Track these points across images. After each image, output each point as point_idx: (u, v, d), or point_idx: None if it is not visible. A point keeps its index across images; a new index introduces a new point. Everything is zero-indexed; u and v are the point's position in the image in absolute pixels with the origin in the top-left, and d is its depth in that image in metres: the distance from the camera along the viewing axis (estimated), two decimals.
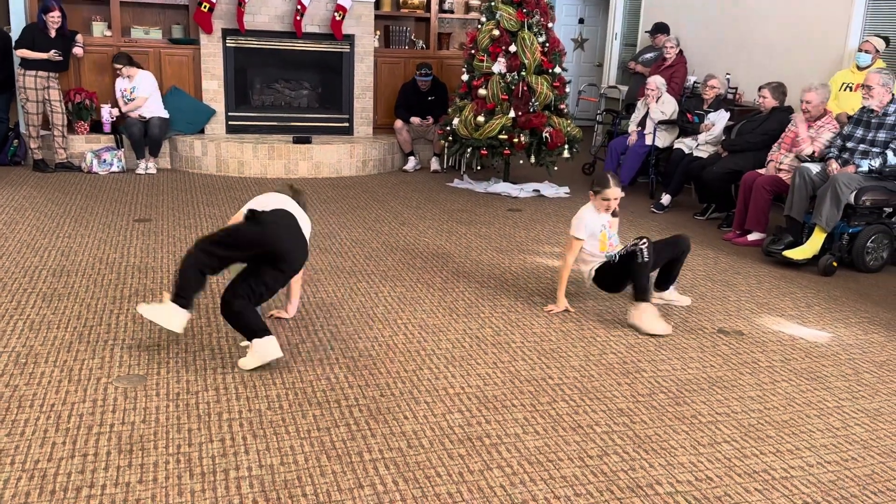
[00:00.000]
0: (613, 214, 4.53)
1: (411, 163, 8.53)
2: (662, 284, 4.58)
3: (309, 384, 3.41)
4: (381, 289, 4.68)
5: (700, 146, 7.05)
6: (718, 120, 6.99)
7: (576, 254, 4.40)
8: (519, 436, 3.05)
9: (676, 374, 3.70)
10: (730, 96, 7.73)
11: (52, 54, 7.19)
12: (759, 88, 6.50)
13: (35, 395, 3.19)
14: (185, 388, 3.31)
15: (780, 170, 5.96)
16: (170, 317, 3.52)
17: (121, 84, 7.73)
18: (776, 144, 6.17)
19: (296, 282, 4.03)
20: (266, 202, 3.75)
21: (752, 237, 6.02)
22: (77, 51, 7.65)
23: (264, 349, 3.47)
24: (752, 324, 4.40)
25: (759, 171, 6.08)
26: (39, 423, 2.98)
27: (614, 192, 4.37)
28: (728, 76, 7.86)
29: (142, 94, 7.64)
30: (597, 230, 4.40)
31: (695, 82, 8.10)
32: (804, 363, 3.90)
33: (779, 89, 6.39)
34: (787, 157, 5.98)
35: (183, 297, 3.52)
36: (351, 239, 5.71)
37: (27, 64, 7.24)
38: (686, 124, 7.33)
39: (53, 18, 7.23)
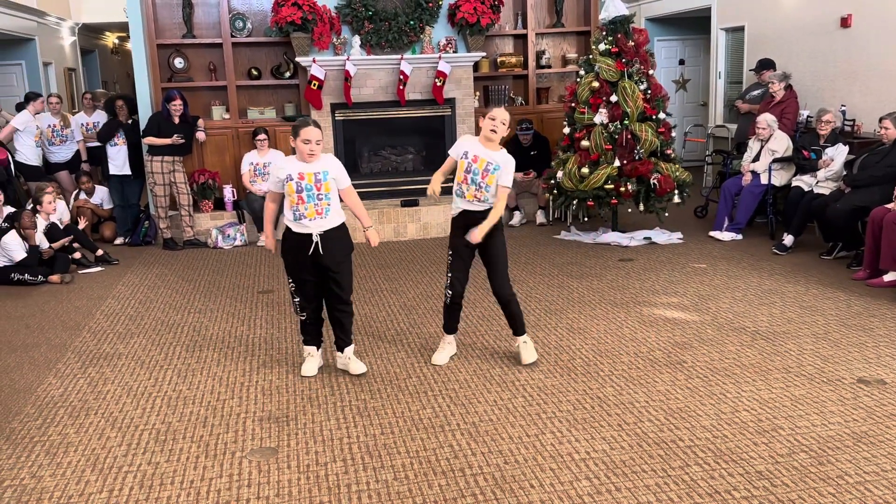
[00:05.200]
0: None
1: (517, 217, 8.56)
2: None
3: (432, 452, 3.42)
4: (497, 349, 4.68)
5: (820, 183, 6.75)
6: (837, 155, 6.69)
7: (444, 169, 4.36)
8: (652, 503, 2.95)
9: (817, 430, 3.49)
10: (847, 129, 7.39)
11: (175, 138, 7.70)
12: (881, 119, 6.19)
13: (175, 472, 3.34)
14: (315, 460, 3.39)
15: None
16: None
17: (252, 158, 8.13)
18: None
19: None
20: None
21: (888, 277, 5.65)
22: (199, 135, 8.18)
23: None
24: None
25: (888, 205, 5.75)
26: (181, 499, 3.12)
27: (501, 113, 4.13)
28: (843, 108, 7.54)
29: None
30: (461, 153, 4.20)
31: (808, 117, 7.80)
32: None
33: None
34: None
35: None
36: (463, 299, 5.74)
37: (154, 150, 7.79)
38: (802, 161, 7.04)
39: (176, 106, 7.77)
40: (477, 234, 4.15)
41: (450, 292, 4.41)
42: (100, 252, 7.29)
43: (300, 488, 3.17)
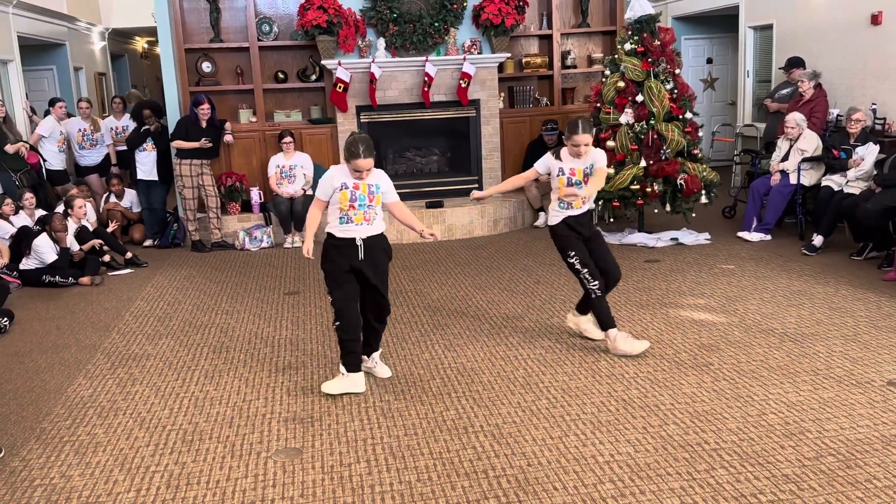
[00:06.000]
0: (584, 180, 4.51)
1: (542, 219, 8.53)
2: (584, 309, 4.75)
3: (456, 454, 3.42)
4: (521, 351, 4.67)
5: (850, 182, 6.65)
6: (868, 154, 6.58)
7: (525, 178, 4.77)
8: None
9: (845, 433, 3.44)
10: (877, 127, 7.27)
11: (203, 142, 7.79)
12: None
13: (201, 472, 3.38)
14: (339, 461, 3.41)
15: None
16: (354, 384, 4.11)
17: (279, 160, 8.20)
18: None
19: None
20: None
21: None
22: (227, 138, 8.26)
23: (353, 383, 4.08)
24: None
25: None
26: (207, 499, 3.15)
27: (583, 139, 4.39)
28: (874, 106, 7.41)
29: (308, 174, 8.12)
30: (555, 172, 4.52)
31: (837, 115, 7.68)
32: None
33: None
34: None
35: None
36: (487, 300, 5.75)
37: (182, 154, 7.89)
38: (832, 161, 6.94)
39: (203, 110, 7.86)
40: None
41: (595, 282, 4.46)
42: (129, 255, 7.40)
43: (324, 489, 3.19)
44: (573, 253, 4.50)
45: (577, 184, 4.49)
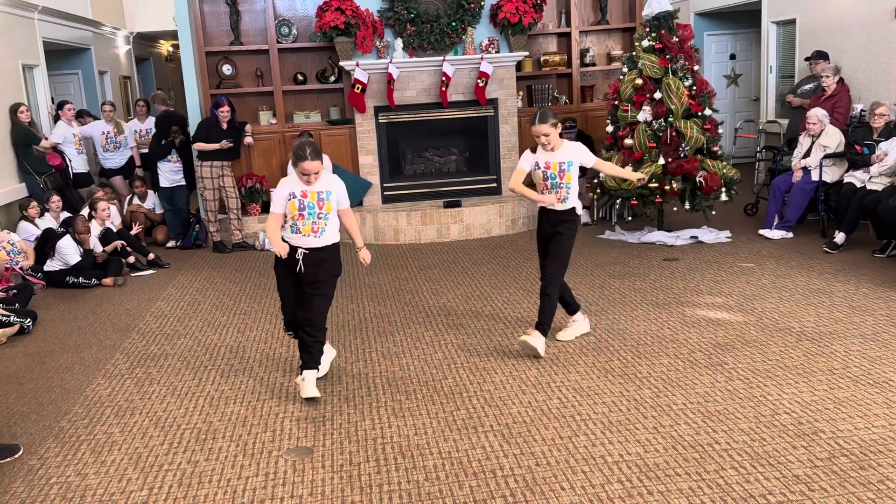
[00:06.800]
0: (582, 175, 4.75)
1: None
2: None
3: (464, 453, 3.43)
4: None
5: (873, 178, 6.55)
6: (891, 149, 6.47)
7: (516, 179, 4.60)
8: None
9: (859, 434, 3.39)
10: None
11: (224, 143, 7.87)
12: None
13: (213, 470, 3.42)
14: (348, 460, 3.44)
15: None
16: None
17: None
18: None
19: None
20: None
21: None
22: (248, 140, 8.34)
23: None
24: None
25: None
26: (217, 497, 3.19)
27: (539, 129, 4.42)
28: None
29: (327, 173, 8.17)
30: (531, 167, 4.55)
31: (861, 111, 7.56)
32: None
33: None
34: None
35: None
36: (503, 300, 5.75)
37: (203, 156, 7.97)
38: (855, 156, 6.83)
39: (224, 112, 7.94)
40: None
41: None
42: (151, 256, 7.50)
43: (332, 487, 3.21)
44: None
45: (551, 177, 4.48)
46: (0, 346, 5.28)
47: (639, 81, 7.20)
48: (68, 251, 6.79)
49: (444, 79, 8.31)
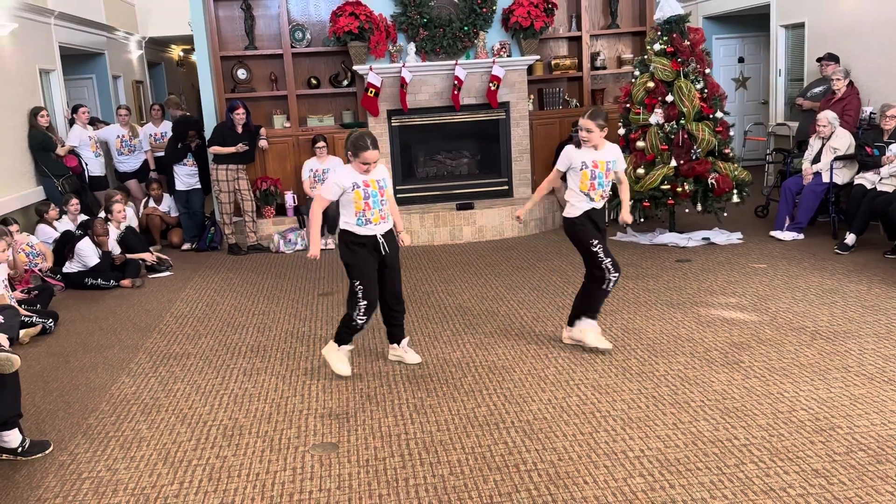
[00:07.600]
0: (622, 177, 4.69)
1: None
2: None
3: (487, 448, 3.50)
4: (552, 350, 4.73)
5: (884, 180, 6.60)
6: None
7: (550, 180, 4.69)
8: (706, 500, 2.96)
9: (876, 429, 3.45)
10: None
11: (239, 146, 7.95)
12: None
13: (242, 465, 3.49)
14: (374, 455, 3.50)
15: None
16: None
17: (312, 165, 8.34)
18: None
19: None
20: None
21: None
22: (262, 143, 8.43)
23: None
24: None
25: None
26: (247, 491, 3.27)
27: (585, 123, 4.46)
28: None
29: None
30: (577, 165, 4.51)
31: (871, 113, 7.61)
32: None
33: None
34: None
35: None
36: (518, 301, 5.81)
37: (219, 159, 8.06)
38: (866, 158, 6.89)
39: (239, 116, 8.02)
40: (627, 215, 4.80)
41: (616, 273, 4.57)
42: (154, 256, 7.52)
43: (360, 481, 3.28)
44: (596, 242, 4.54)
45: (598, 177, 4.51)
46: (24, 347, 5.36)
47: (650, 84, 7.27)
48: (87, 253, 6.88)
49: (456, 82, 8.39)
